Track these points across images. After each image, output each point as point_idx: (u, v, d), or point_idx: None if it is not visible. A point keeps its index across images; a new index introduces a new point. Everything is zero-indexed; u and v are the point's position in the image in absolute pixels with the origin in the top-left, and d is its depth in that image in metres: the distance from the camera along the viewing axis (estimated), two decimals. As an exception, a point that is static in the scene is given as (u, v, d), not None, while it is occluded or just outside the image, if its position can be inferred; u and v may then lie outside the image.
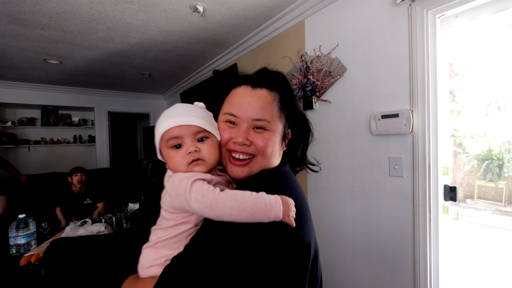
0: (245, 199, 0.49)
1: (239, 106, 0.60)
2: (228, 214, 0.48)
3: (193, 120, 0.56)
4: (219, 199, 0.49)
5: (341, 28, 1.69)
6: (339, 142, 1.74)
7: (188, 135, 0.56)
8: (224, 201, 0.48)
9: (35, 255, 1.51)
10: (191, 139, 0.56)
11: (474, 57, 1.44)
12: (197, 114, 0.57)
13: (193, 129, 0.56)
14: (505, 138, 1.62)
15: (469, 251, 1.92)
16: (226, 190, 0.52)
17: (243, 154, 0.59)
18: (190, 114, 0.57)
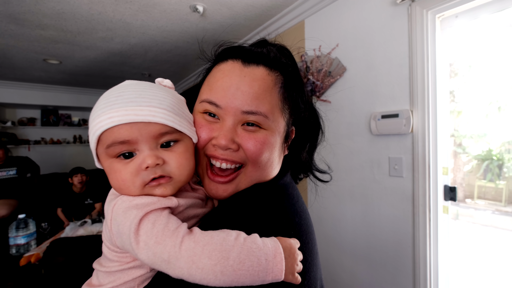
0: (226, 253, 0.31)
1: (223, 91, 0.41)
2: (197, 277, 0.31)
3: (154, 113, 0.35)
4: (184, 249, 0.31)
5: (341, 28, 1.69)
6: (339, 142, 1.74)
7: (145, 139, 0.36)
8: (191, 255, 0.31)
9: (35, 255, 1.51)
10: (150, 145, 0.36)
11: (474, 57, 1.44)
12: (161, 102, 0.37)
13: (155, 130, 0.36)
14: (505, 138, 1.62)
15: (469, 251, 1.92)
16: (194, 231, 0.34)
17: (227, 163, 0.42)
18: (150, 102, 0.36)
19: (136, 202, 0.34)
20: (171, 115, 0.37)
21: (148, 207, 0.33)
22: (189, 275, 0.30)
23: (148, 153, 0.36)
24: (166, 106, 0.37)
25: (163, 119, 0.36)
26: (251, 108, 0.40)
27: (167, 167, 0.37)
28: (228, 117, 0.41)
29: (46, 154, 4.63)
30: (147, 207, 0.33)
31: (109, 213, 0.36)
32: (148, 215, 0.33)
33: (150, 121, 0.35)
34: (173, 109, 0.38)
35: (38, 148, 4.60)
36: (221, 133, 0.40)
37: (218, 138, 0.40)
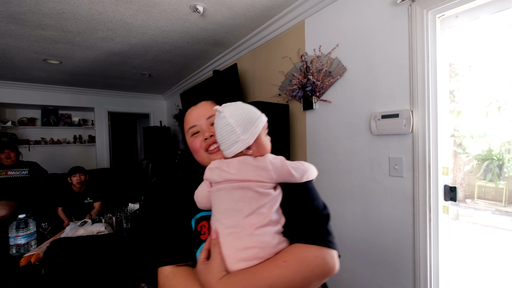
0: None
1: (193, 118, 0.73)
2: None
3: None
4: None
5: (341, 28, 1.69)
6: (339, 142, 1.74)
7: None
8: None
9: (35, 255, 1.51)
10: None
11: (474, 57, 1.44)
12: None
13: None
14: (505, 138, 1.62)
15: (469, 251, 1.92)
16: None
17: (214, 143, 0.68)
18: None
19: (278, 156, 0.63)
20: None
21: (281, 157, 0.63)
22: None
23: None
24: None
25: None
26: (209, 114, 0.72)
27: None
28: (203, 125, 0.72)
29: (46, 154, 4.63)
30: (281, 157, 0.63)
31: (267, 162, 0.59)
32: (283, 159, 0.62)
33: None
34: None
35: (38, 148, 4.60)
36: (205, 134, 0.70)
37: (204, 135, 0.70)
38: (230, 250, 0.54)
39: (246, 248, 0.53)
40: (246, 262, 0.53)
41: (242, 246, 0.54)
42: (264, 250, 0.54)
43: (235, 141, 0.59)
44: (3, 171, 2.85)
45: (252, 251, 0.53)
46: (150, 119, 5.35)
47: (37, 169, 3.13)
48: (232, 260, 0.53)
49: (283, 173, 0.59)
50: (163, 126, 4.70)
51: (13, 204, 2.66)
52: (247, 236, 0.54)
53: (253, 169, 0.58)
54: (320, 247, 0.55)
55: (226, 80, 2.56)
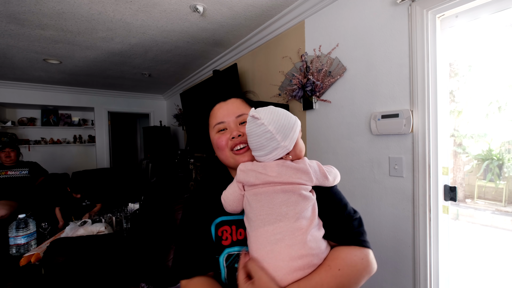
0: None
1: (221, 114, 0.70)
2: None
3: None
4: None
5: (341, 28, 1.69)
6: (339, 142, 1.74)
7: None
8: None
9: (35, 255, 1.51)
10: None
11: (474, 57, 1.44)
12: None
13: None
14: (505, 138, 1.62)
15: (469, 251, 1.92)
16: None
17: (241, 144, 0.66)
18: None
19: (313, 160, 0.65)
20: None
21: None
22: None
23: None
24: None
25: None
26: (239, 113, 0.69)
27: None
28: (231, 124, 0.69)
29: (46, 154, 4.63)
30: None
31: (307, 165, 0.60)
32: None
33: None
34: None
35: (38, 148, 4.60)
36: (232, 133, 0.67)
37: (232, 134, 0.67)
38: (282, 260, 0.52)
39: (301, 256, 0.52)
40: (301, 271, 0.51)
41: (296, 254, 0.52)
42: (318, 257, 0.54)
43: (275, 147, 0.58)
44: (3, 171, 2.85)
45: (307, 259, 0.52)
46: (150, 119, 5.35)
47: (37, 169, 3.13)
48: (286, 271, 0.51)
49: (320, 176, 0.60)
50: (163, 126, 4.70)
51: (13, 204, 2.66)
52: (300, 243, 0.52)
53: (295, 172, 0.58)
54: (362, 248, 0.58)
55: (226, 80, 2.56)
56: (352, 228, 0.60)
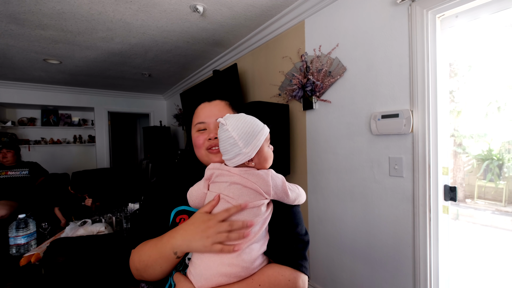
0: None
1: (204, 115, 0.72)
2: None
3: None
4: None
5: (341, 28, 1.69)
6: (339, 142, 1.74)
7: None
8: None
9: (35, 255, 1.51)
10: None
11: (474, 57, 1.44)
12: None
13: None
14: (505, 138, 1.62)
15: (469, 251, 1.92)
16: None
17: (214, 147, 0.69)
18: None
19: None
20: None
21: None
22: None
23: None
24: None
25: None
26: (220, 116, 0.69)
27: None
28: (211, 125, 0.71)
29: (46, 154, 4.63)
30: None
31: (269, 178, 0.59)
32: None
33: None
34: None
35: (38, 148, 4.60)
36: (210, 134, 0.70)
37: (210, 135, 0.70)
38: (213, 262, 0.55)
39: (230, 264, 0.54)
40: (226, 278, 0.54)
41: (226, 261, 0.55)
42: (246, 270, 0.55)
43: (237, 153, 0.60)
44: (3, 171, 2.85)
45: (235, 269, 0.54)
46: (150, 119, 5.34)
47: (37, 169, 3.13)
48: (213, 272, 0.54)
49: (280, 192, 0.60)
50: (163, 126, 4.70)
51: (13, 204, 2.66)
52: (234, 253, 0.55)
53: (255, 180, 0.59)
54: (294, 270, 0.58)
55: (226, 80, 2.56)
56: (294, 249, 0.60)
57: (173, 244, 0.57)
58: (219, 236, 0.54)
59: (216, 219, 0.55)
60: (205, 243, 0.54)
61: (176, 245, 0.57)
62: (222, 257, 0.55)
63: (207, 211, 0.58)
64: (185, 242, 0.56)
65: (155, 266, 0.60)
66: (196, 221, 0.57)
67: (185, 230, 0.57)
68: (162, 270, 0.60)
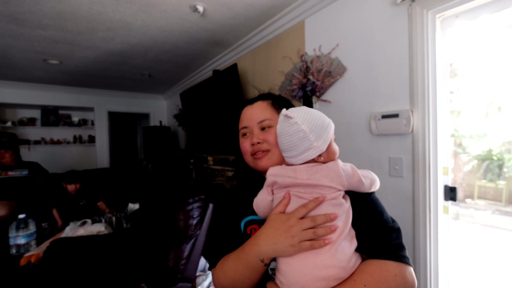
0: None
1: (246, 119, 0.70)
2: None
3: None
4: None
5: (341, 28, 1.69)
6: (339, 142, 1.73)
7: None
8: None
9: (35, 255, 1.51)
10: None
11: (474, 57, 1.44)
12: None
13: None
14: (505, 138, 1.62)
15: (469, 251, 1.92)
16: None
17: (259, 151, 0.66)
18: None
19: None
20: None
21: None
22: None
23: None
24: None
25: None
26: (261, 118, 0.68)
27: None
28: (254, 129, 0.68)
29: (46, 154, 4.63)
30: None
31: (340, 169, 0.55)
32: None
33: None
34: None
35: (38, 148, 4.60)
36: (253, 139, 0.67)
37: (252, 141, 0.67)
38: (307, 267, 0.50)
39: (326, 266, 0.50)
40: (325, 282, 0.49)
41: (321, 264, 0.50)
42: (345, 271, 0.50)
43: (308, 148, 0.55)
44: (3, 172, 2.85)
45: (333, 271, 0.50)
46: (150, 119, 5.34)
47: (37, 170, 3.12)
48: (309, 278, 0.50)
49: (354, 181, 0.55)
50: (163, 126, 4.70)
51: (12, 204, 2.66)
52: (327, 252, 0.50)
53: (325, 174, 0.54)
54: (397, 263, 0.52)
55: (226, 80, 2.56)
56: (388, 240, 0.55)
57: (257, 251, 0.54)
58: (304, 234, 0.50)
59: (296, 217, 0.52)
60: (291, 242, 0.50)
61: (261, 251, 0.53)
62: (316, 260, 0.50)
63: (281, 211, 0.55)
64: (270, 246, 0.52)
65: (243, 279, 0.57)
66: (275, 223, 0.53)
67: (266, 234, 0.54)
68: (251, 281, 0.57)
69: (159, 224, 1.59)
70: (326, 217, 0.51)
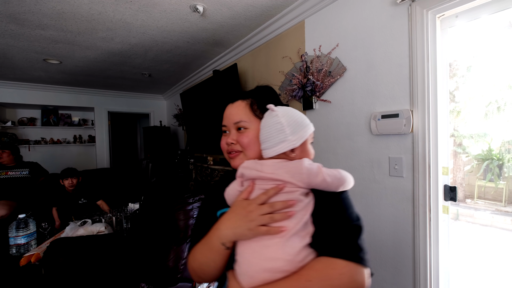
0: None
1: (225, 118, 0.71)
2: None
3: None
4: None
5: (341, 28, 1.69)
6: (339, 142, 1.74)
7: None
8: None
9: (35, 255, 1.51)
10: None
11: (474, 57, 1.44)
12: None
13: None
14: (505, 138, 1.62)
15: (469, 251, 1.92)
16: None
17: (232, 151, 0.69)
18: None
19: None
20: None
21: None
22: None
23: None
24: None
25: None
26: (236, 120, 0.68)
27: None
28: (231, 129, 0.70)
29: (46, 154, 4.62)
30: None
31: (303, 166, 0.56)
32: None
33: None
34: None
35: (38, 148, 4.60)
36: (229, 138, 0.69)
37: (228, 140, 0.69)
38: (255, 258, 0.53)
39: (273, 258, 0.52)
40: (270, 273, 0.51)
41: (269, 256, 0.52)
42: (291, 264, 0.52)
43: (282, 140, 0.58)
44: (3, 171, 2.85)
45: (279, 263, 0.51)
46: (150, 119, 5.34)
47: (37, 169, 3.12)
48: (257, 268, 0.52)
49: (318, 180, 0.56)
50: (163, 126, 4.70)
51: (12, 204, 2.66)
52: (277, 245, 0.52)
53: (288, 170, 0.56)
54: (348, 262, 0.51)
55: (226, 80, 2.56)
56: (344, 239, 0.53)
57: (218, 235, 0.57)
58: (262, 218, 0.52)
59: (255, 203, 0.54)
60: (250, 226, 0.53)
61: (222, 235, 0.56)
62: (264, 252, 0.52)
63: (245, 198, 0.57)
64: (230, 230, 0.55)
65: (208, 262, 0.60)
66: (237, 208, 0.57)
67: (228, 219, 0.57)
68: (216, 264, 0.59)
69: (159, 224, 1.59)
70: (284, 203, 0.53)
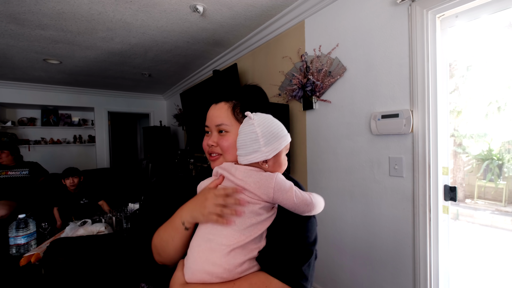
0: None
1: (208, 118, 0.71)
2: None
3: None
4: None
5: (341, 28, 1.69)
6: (339, 142, 1.74)
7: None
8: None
9: (35, 255, 1.51)
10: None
11: (474, 57, 1.44)
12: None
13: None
14: (505, 138, 1.62)
15: (469, 251, 1.92)
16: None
17: (213, 153, 0.69)
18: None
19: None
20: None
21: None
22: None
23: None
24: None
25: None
26: (218, 122, 0.67)
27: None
28: (213, 130, 0.69)
29: (46, 154, 4.62)
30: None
31: (273, 182, 0.56)
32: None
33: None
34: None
35: (38, 148, 4.60)
36: (210, 140, 0.69)
37: (208, 142, 0.69)
38: (200, 258, 0.56)
39: (214, 263, 0.54)
40: (209, 276, 0.54)
41: (211, 260, 0.55)
42: (229, 273, 0.54)
43: (255, 150, 0.59)
44: (3, 171, 2.85)
45: (218, 269, 0.54)
46: (150, 119, 5.34)
47: (37, 169, 3.12)
48: (198, 268, 0.56)
49: (283, 198, 0.56)
50: (163, 126, 4.70)
51: (12, 204, 2.66)
52: (221, 252, 0.54)
53: (256, 181, 0.57)
54: (284, 285, 0.53)
55: (226, 80, 2.56)
56: (290, 261, 0.55)
57: (180, 215, 0.62)
58: (215, 208, 0.56)
59: (214, 194, 0.58)
60: (203, 212, 0.57)
61: (182, 215, 0.62)
62: (209, 255, 0.55)
63: (211, 187, 0.61)
64: (188, 212, 0.61)
65: (167, 238, 0.64)
66: (199, 194, 0.62)
67: (190, 202, 0.62)
68: (175, 243, 0.63)
69: (159, 224, 1.58)
70: (236, 200, 0.56)
